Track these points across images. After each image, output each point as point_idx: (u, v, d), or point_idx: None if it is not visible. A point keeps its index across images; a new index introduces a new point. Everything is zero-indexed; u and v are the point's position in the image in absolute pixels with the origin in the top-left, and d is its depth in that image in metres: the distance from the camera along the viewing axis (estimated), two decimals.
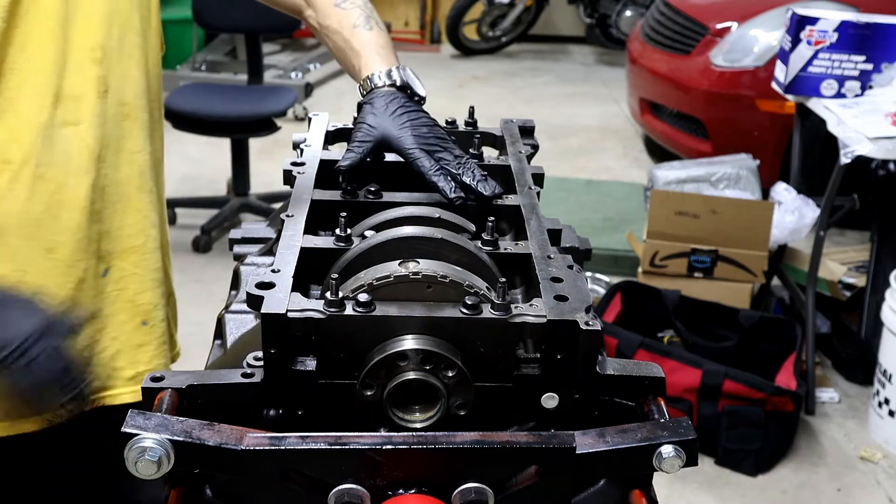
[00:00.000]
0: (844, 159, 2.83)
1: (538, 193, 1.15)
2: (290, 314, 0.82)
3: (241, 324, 1.05)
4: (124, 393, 1.39)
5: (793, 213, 3.28)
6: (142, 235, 1.37)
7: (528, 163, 1.26)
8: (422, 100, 1.25)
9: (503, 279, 0.85)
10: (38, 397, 1.31)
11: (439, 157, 1.14)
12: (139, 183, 1.35)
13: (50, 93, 1.24)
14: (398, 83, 1.24)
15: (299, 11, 1.43)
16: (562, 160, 5.48)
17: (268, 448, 0.75)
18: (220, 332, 1.06)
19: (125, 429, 0.74)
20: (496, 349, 0.85)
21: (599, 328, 0.84)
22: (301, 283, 0.91)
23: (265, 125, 4.22)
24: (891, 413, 2.97)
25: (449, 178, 1.12)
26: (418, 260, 0.89)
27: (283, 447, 0.75)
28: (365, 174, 1.16)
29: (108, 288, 1.35)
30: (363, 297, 0.84)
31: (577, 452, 0.77)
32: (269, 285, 0.86)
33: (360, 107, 1.23)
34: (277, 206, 1.69)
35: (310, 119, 1.34)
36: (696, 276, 3.39)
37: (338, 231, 0.99)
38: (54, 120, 1.25)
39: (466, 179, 1.12)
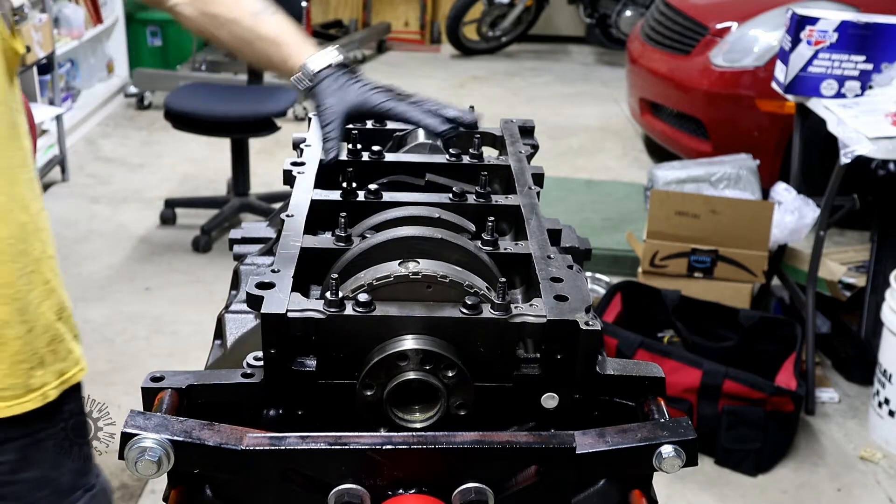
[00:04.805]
0: (844, 159, 2.83)
1: (538, 193, 1.15)
2: (290, 314, 0.82)
3: (241, 324, 1.05)
4: None
5: (793, 213, 3.28)
6: None
7: (528, 163, 1.26)
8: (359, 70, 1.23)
9: (503, 279, 0.85)
10: None
11: (412, 102, 1.14)
12: None
13: None
14: (335, 63, 1.21)
15: (159, 1, 1.34)
16: (562, 160, 5.49)
17: (268, 448, 0.75)
18: (220, 332, 1.06)
19: (125, 429, 0.74)
20: (496, 349, 0.85)
21: (599, 328, 0.84)
22: (301, 283, 0.91)
23: (265, 125, 4.22)
24: (891, 413, 2.97)
25: (432, 114, 1.11)
26: (418, 260, 0.89)
27: (283, 447, 0.75)
28: (365, 174, 1.16)
29: None
30: (363, 297, 0.84)
31: (577, 452, 0.77)
32: (269, 285, 0.86)
33: (310, 95, 1.21)
34: (277, 206, 1.68)
35: (310, 119, 1.34)
36: (696, 276, 3.39)
37: (338, 231, 0.99)
38: None
39: (448, 113, 1.12)
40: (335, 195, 1.10)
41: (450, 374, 0.83)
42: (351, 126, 1.21)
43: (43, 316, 1.40)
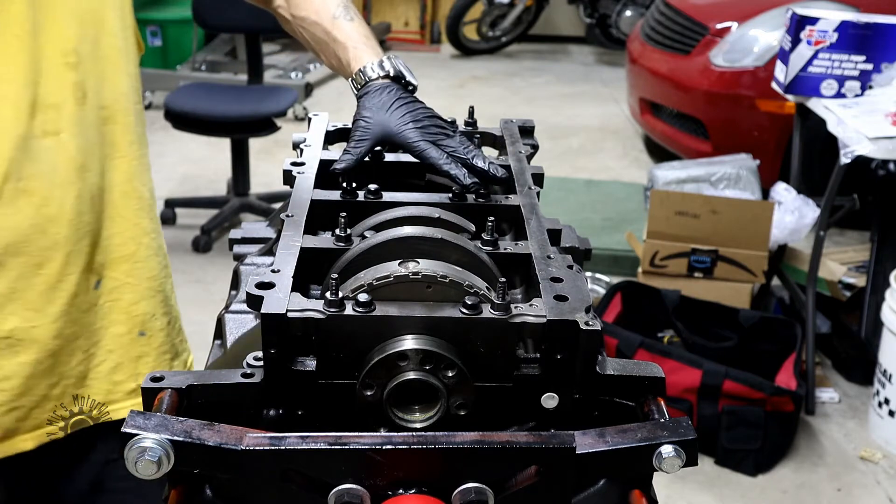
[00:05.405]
0: (844, 159, 2.83)
1: (538, 193, 1.14)
2: (290, 314, 0.82)
3: (241, 324, 1.05)
4: (127, 407, 1.35)
5: (793, 213, 3.28)
6: (132, 244, 1.32)
7: (528, 163, 1.26)
8: (414, 88, 1.23)
9: (503, 279, 0.85)
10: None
11: (444, 146, 1.13)
12: (126, 189, 1.30)
13: (26, 103, 1.16)
14: (391, 73, 1.21)
15: (267, 2, 1.38)
16: (562, 160, 5.49)
17: (268, 448, 0.75)
18: (220, 332, 1.06)
19: (125, 429, 0.74)
20: (496, 349, 0.85)
21: (599, 328, 0.84)
22: (301, 283, 0.91)
23: (265, 125, 4.22)
24: (891, 413, 2.97)
25: (459, 164, 1.11)
26: (418, 260, 0.89)
27: (283, 447, 0.75)
28: (364, 174, 1.16)
29: (100, 300, 1.30)
30: (363, 297, 0.84)
31: (577, 452, 0.77)
32: (269, 285, 0.86)
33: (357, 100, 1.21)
34: (277, 206, 1.68)
35: (310, 119, 1.34)
36: (696, 276, 3.39)
37: (338, 231, 0.98)
38: (33, 131, 1.17)
39: (478, 163, 1.12)
40: (335, 195, 1.10)
41: (450, 374, 0.83)
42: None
43: (174, 308, 1.46)
